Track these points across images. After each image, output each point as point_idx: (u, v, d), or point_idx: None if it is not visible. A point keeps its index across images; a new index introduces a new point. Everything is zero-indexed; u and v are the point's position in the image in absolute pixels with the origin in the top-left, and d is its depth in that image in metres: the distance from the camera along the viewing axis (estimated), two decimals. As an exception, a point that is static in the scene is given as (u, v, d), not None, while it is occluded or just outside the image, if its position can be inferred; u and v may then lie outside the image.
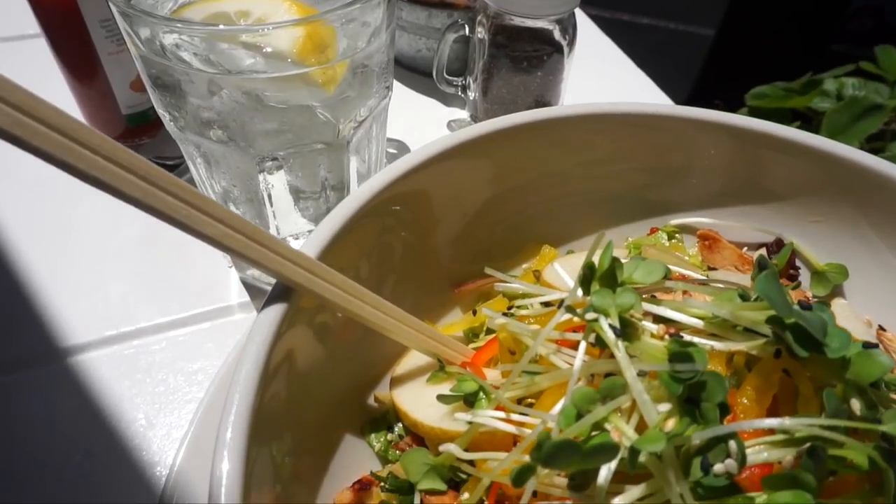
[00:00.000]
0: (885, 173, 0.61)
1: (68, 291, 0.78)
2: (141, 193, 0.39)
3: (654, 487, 0.36)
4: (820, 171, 0.64)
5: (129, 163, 0.38)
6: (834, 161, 0.63)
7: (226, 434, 0.39)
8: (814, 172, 0.64)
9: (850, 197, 0.64)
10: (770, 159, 0.65)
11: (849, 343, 0.35)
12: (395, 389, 0.55)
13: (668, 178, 0.69)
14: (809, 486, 0.32)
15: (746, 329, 0.41)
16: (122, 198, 0.38)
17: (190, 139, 0.61)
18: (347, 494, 0.50)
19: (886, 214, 0.62)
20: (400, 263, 0.59)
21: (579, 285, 0.43)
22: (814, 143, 0.63)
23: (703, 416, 0.36)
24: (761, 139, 0.64)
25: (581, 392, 0.37)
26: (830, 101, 1.50)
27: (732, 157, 0.66)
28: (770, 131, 0.64)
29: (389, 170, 0.55)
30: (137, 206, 0.39)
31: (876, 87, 1.54)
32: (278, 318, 0.45)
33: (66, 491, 0.62)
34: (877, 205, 0.63)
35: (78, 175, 0.36)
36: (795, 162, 0.65)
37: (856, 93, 1.47)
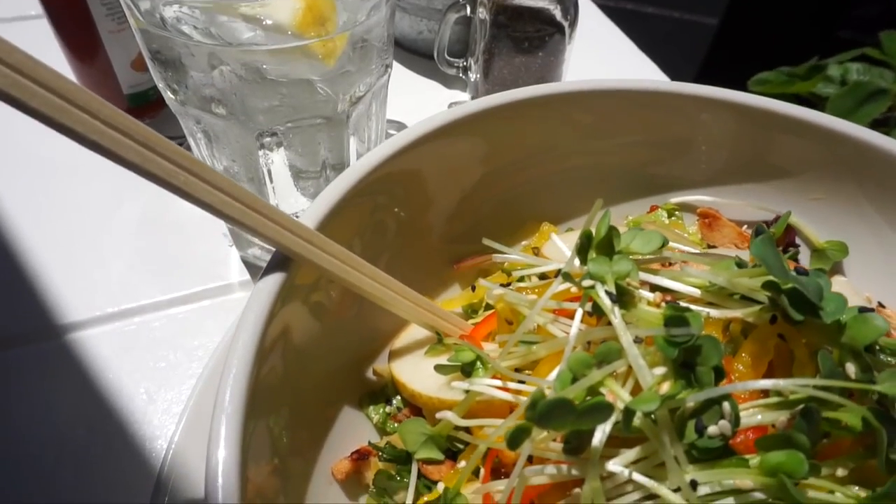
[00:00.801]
0: (886, 149, 0.60)
1: (70, 269, 0.78)
2: (139, 158, 0.39)
3: (649, 450, 0.36)
4: (821, 147, 0.64)
5: (127, 128, 0.38)
6: (835, 138, 0.62)
7: (224, 398, 0.39)
8: (815, 149, 0.64)
9: (852, 174, 0.64)
10: (770, 136, 0.65)
11: (844, 307, 0.35)
12: (394, 362, 0.55)
13: (668, 156, 0.68)
14: (803, 446, 0.32)
15: (743, 297, 0.41)
16: (120, 162, 0.38)
17: (190, 113, 0.62)
18: (345, 464, 0.50)
19: (887, 191, 0.62)
20: (398, 238, 0.59)
21: (576, 254, 0.43)
22: (815, 120, 0.62)
23: (698, 379, 0.36)
24: (762, 116, 0.64)
25: (576, 357, 0.37)
26: (834, 87, 1.49)
27: (733, 135, 0.66)
28: (771, 108, 0.63)
29: (388, 144, 0.55)
30: (136, 171, 0.39)
31: (880, 72, 1.53)
32: (276, 288, 0.45)
33: (67, 464, 0.63)
34: (878, 181, 0.62)
35: (76, 138, 0.36)
36: (796, 139, 0.64)
37: (860, 77, 1.46)
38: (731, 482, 0.33)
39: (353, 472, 0.50)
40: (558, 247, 0.54)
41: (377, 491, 0.49)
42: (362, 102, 0.64)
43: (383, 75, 0.66)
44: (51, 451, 0.63)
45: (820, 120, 0.62)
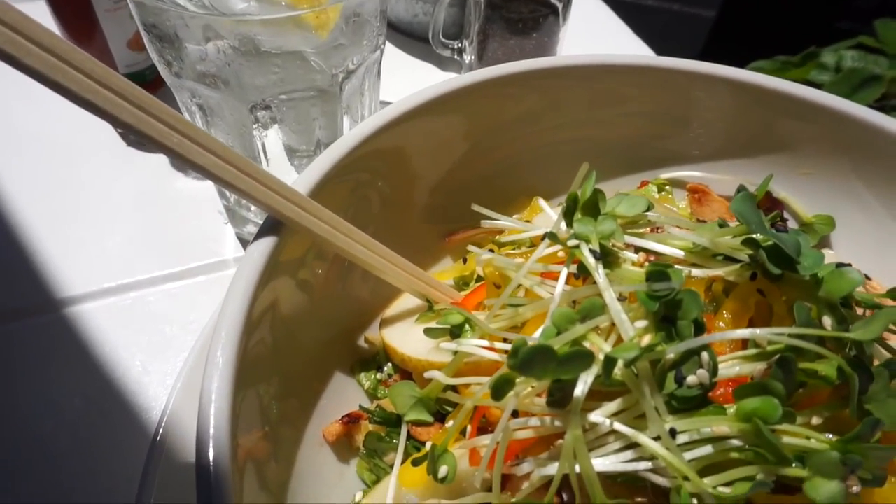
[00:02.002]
0: (875, 124, 0.61)
1: (67, 245, 0.79)
2: (133, 119, 0.39)
3: (630, 402, 0.37)
4: (810, 123, 0.64)
5: (121, 89, 0.38)
6: (825, 113, 0.63)
7: (216, 352, 0.40)
8: (804, 125, 0.65)
9: (841, 149, 0.64)
10: (760, 112, 0.66)
11: (821, 261, 0.36)
12: (385, 329, 0.56)
13: (659, 132, 0.69)
14: (778, 393, 0.33)
15: (726, 258, 0.42)
16: (114, 122, 0.39)
17: (185, 86, 0.62)
18: (336, 427, 0.51)
19: (875, 165, 0.63)
20: (390, 210, 0.60)
21: (563, 217, 0.44)
22: (805, 95, 0.63)
23: (679, 332, 0.36)
24: (753, 91, 0.64)
25: (560, 312, 0.38)
26: (829, 74, 1.50)
27: (724, 111, 0.67)
28: (760, 83, 0.64)
29: (380, 115, 0.55)
30: (130, 132, 0.39)
31: (875, 59, 1.53)
32: (268, 251, 0.45)
33: (65, 432, 0.64)
34: (866, 156, 0.63)
35: (70, 97, 0.37)
36: (786, 114, 0.65)
37: (854, 64, 1.47)
38: (708, 430, 0.34)
39: (344, 435, 0.51)
40: (547, 213, 0.54)
41: (367, 452, 0.50)
42: (355, 77, 0.65)
43: (375, 51, 0.66)
44: (49, 420, 0.64)
45: (809, 95, 0.63)
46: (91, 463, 0.61)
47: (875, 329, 0.34)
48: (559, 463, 0.36)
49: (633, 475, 0.36)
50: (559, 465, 0.36)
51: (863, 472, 0.31)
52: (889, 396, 0.34)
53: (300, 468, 0.49)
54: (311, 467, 0.50)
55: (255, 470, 0.43)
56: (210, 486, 0.35)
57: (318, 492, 0.50)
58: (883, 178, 0.63)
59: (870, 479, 0.31)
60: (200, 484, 0.35)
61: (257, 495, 0.43)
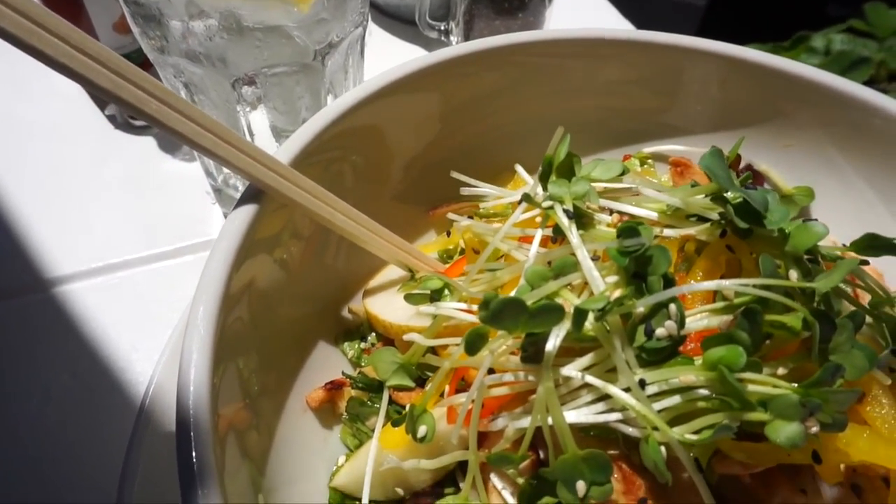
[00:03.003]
0: (853, 95, 0.62)
1: (56, 226, 0.79)
2: (111, 84, 0.39)
3: (602, 356, 0.37)
4: (792, 95, 0.65)
5: (97, 54, 0.39)
6: (805, 84, 0.63)
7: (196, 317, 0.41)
8: (785, 97, 0.65)
9: (820, 121, 0.65)
10: (743, 85, 0.66)
11: (787, 216, 0.37)
12: (368, 299, 0.56)
13: (641, 107, 0.69)
14: (743, 342, 0.33)
15: (699, 219, 0.42)
16: (91, 87, 0.39)
17: (169, 62, 0.63)
18: (319, 393, 0.52)
19: (854, 137, 0.64)
20: (374, 183, 0.60)
21: (539, 181, 0.45)
22: (785, 67, 0.64)
23: (649, 288, 0.37)
24: (734, 64, 0.65)
25: (534, 270, 0.39)
26: (819, 57, 1.51)
27: (706, 84, 0.67)
28: (743, 56, 0.64)
29: (364, 86, 0.56)
30: (108, 97, 0.40)
31: (864, 42, 1.54)
32: (246, 224, 0.46)
33: (54, 407, 0.64)
34: (845, 128, 0.64)
35: (46, 61, 0.37)
36: (768, 87, 0.65)
37: (843, 47, 1.47)
38: (676, 380, 0.35)
39: (328, 401, 0.52)
40: (525, 180, 0.55)
41: (350, 417, 0.51)
42: (338, 52, 0.65)
43: (358, 27, 0.67)
44: (36, 394, 0.65)
45: (790, 67, 0.63)
46: (78, 433, 0.62)
47: (835, 278, 0.34)
48: (532, 416, 0.37)
49: (604, 427, 0.37)
50: (532, 417, 0.37)
51: (823, 415, 0.32)
52: (853, 347, 0.35)
53: (284, 434, 0.50)
54: (295, 433, 0.51)
55: (237, 437, 0.44)
56: (191, 456, 0.36)
57: (302, 457, 0.50)
58: (861, 149, 0.64)
59: (830, 422, 0.32)
60: (181, 452, 0.36)
61: (240, 462, 0.44)
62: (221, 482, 0.36)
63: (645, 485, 0.38)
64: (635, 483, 0.38)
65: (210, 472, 0.35)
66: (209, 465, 0.36)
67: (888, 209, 0.63)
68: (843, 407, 0.32)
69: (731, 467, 0.37)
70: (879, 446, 0.34)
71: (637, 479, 0.38)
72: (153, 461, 0.54)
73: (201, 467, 0.36)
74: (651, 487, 0.38)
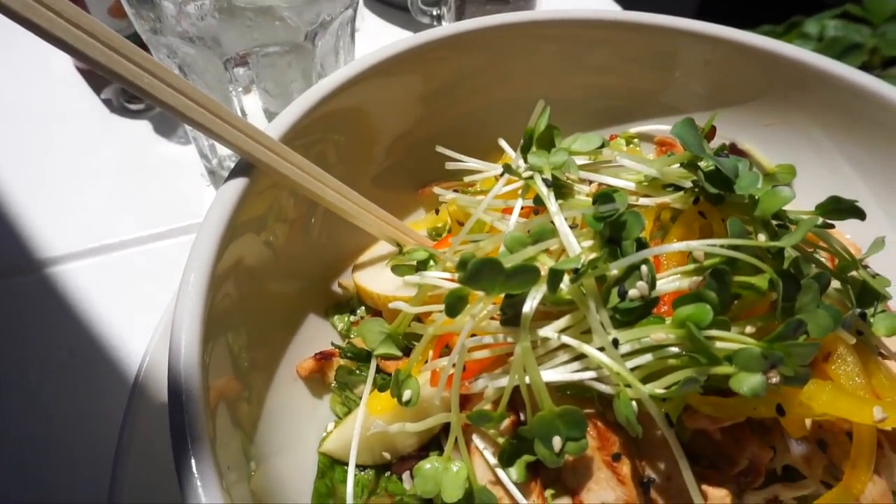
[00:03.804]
0: (834, 73, 0.63)
1: (52, 207, 0.80)
2: (104, 58, 0.40)
3: (577, 318, 0.39)
4: (774, 74, 0.66)
5: (91, 28, 0.40)
6: (786, 63, 0.65)
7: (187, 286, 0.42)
8: (768, 76, 0.66)
9: (802, 98, 0.66)
10: (726, 64, 0.67)
11: (756, 182, 0.38)
12: (357, 272, 0.58)
13: (627, 87, 0.71)
14: (711, 300, 0.35)
15: (675, 188, 0.44)
16: (85, 61, 0.40)
17: (162, 42, 0.64)
18: (309, 363, 0.53)
19: (834, 114, 0.65)
20: (363, 161, 0.62)
21: (520, 153, 0.46)
22: (766, 46, 0.65)
23: (623, 252, 0.38)
24: (717, 44, 0.66)
25: (513, 236, 0.40)
26: (812, 43, 1.51)
27: (691, 65, 0.68)
28: (727, 36, 0.65)
29: (355, 63, 0.57)
30: (101, 71, 0.40)
31: (858, 28, 1.54)
32: (238, 194, 0.47)
33: (51, 384, 0.66)
34: (826, 105, 0.65)
35: (41, 34, 0.38)
36: (751, 66, 0.66)
37: (836, 33, 1.48)
38: (648, 338, 0.36)
39: (317, 371, 0.53)
40: (509, 154, 0.56)
41: (338, 385, 0.52)
42: (328, 33, 0.66)
43: (348, 8, 0.68)
44: (35, 371, 0.66)
45: (771, 46, 0.65)
46: (75, 407, 0.63)
47: (797, 236, 0.36)
48: (510, 375, 0.38)
49: (580, 386, 0.39)
50: (510, 377, 0.38)
51: (786, 368, 0.33)
52: (819, 307, 0.37)
53: (275, 403, 0.51)
54: (285, 402, 0.52)
55: (228, 406, 0.45)
56: (183, 425, 0.37)
57: (293, 425, 0.52)
58: (842, 126, 0.65)
59: (792, 375, 0.33)
60: (173, 421, 0.37)
61: (232, 430, 0.45)
62: (213, 448, 0.37)
63: (619, 441, 0.39)
64: (610, 439, 0.39)
65: (201, 439, 0.37)
66: (201, 433, 0.37)
67: (867, 185, 0.65)
68: (804, 360, 0.34)
69: (701, 422, 0.38)
70: (840, 400, 0.35)
71: (612, 436, 0.39)
72: (148, 432, 0.55)
73: (193, 435, 0.37)
74: (625, 443, 0.40)
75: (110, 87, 0.91)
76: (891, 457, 0.40)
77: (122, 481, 0.53)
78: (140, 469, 0.54)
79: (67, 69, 0.94)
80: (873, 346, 0.41)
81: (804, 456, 0.40)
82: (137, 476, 0.54)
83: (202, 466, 0.36)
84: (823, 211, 0.40)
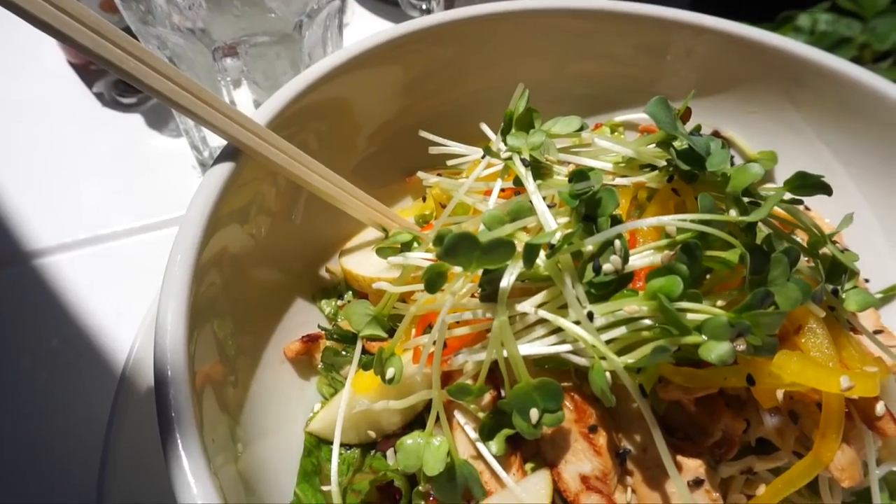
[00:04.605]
0: (814, 60, 0.64)
1: (44, 200, 0.81)
2: (91, 43, 0.41)
3: (554, 293, 0.39)
4: (755, 62, 0.67)
5: (78, 13, 0.40)
6: (768, 51, 0.66)
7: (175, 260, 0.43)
8: (750, 64, 0.67)
9: (783, 86, 0.67)
10: (709, 53, 0.68)
11: (727, 159, 0.39)
12: (344, 257, 0.59)
13: (612, 76, 0.72)
14: (682, 273, 0.36)
15: (652, 169, 0.45)
16: (72, 44, 0.41)
17: (152, 33, 0.64)
18: (297, 345, 0.54)
19: (815, 101, 0.66)
20: (350, 149, 0.63)
21: (500, 136, 0.47)
22: (748, 35, 0.66)
23: (599, 228, 0.39)
24: (701, 33, 0.67)
25: (491, 214, 0.41)
26: (804, 37, 1.52)
27: (675, 54, 0.69)
28: (711, 25, 0.66)
29: (342, 52, 0.58)
30: (87, 55, 0.41)
31: (848, 22, 1.55)
32: (226, 176, 0.48)
33: (42, 370, 0.67)
34: (807, 92, 0.66)
35: (27, 18, 0.39)
36: (734, 55, 0.67)
37: (826, 27, 1.49)
38: (622, 311, 0.37)
39: (304, 353, 0.54)
40: (490, 137, 0.57)
41: (325, 367, 0.53)
42: (315, 24, 0.67)
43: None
44: (28, 358, 0.67)
45: (752, 34, 0.66)
46: (66, 392, 0.64)
47: (764, 210, 0.37)
48: (488, 349, 0.39)
49: (557, 359, 0.39)
50: (488, 350, 0.39)
51: (753, 338, 0.34)
52: (788, 280, 0.37)
53: (264, 384, 0.52)
54: (273, 384, 0.53)
55: (216, 388, 0.46)
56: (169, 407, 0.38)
57: (281, 406, 0.53)
58: (822, 113, 0.66)
59: (760, 345, 0.34)
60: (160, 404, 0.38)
61: (219, 416, 0.46)
62: (200, 430, 0.38)
63: (596, 413, 0.40)
64: (587, 412, 0.40)
65: (188, 421, 0.37)
66: (187, 415, 0.38)
67: (847, 171, 0.66)
68: (771, 330, 0.34)
69: (674, 393, 0.39)
70: (808, 369, 0.36)
71: (588, 408, 0.40)
72: (136, 417, 0.56)
73: (180, 418, 0.37)
74: (602, 416, 0.41)
75: (102, 80, 0.92)
76: (861, 428, 0.41)
77: (111, 464, 0.54)
78: (129, 452, 0.55)
79: (59, 63, 0.95)
80: (844, 320, 0.42)
81: (777, 428, 0.41)
82: (127, 459, 0.54)
83: (189, 448, 0.36)
84: (792, 187, 0.41)
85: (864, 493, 0.44)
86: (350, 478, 0.47)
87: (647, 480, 0.39)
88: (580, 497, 0.39)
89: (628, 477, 0.40)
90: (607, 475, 0.39)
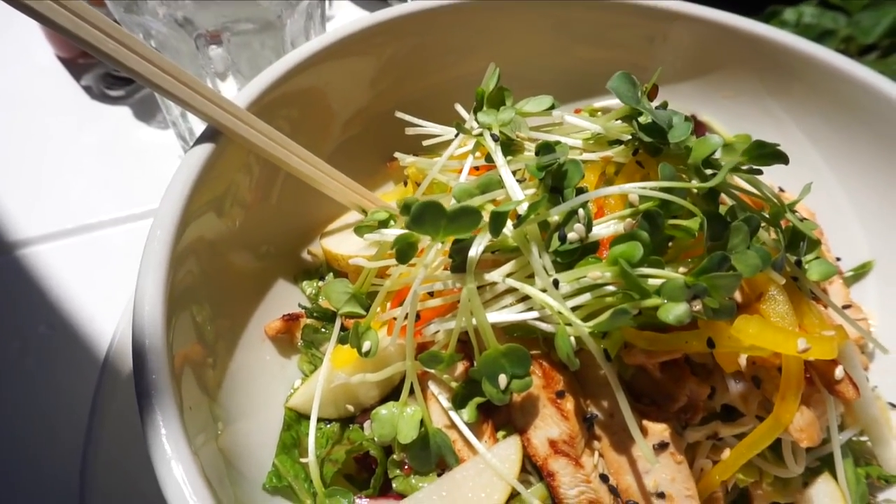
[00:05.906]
0: (783, 43, 0.65)
1: (33, 191, 0.82)
2: (71, 24, 0.42)
3: (522, 263, 0.41)
4: (733, 47, 0.68)
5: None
6: (743, 36, 0.67)
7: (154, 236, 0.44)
8: (723, 49, 0.69)
9: (755, 70, 0.69)
10: (684, 39, 0.70)
11: (688, 131, 0.40)
12: (325, 239, 0.60)
13: (591, 62, 0.73)
14: (643, 240, 0.37)
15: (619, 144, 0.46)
16: (52, 26, 0.42)
17: (136, 22, 0.65)
18: (277, 323, 0.55)
19: (786, 84, 0.67)
20: (331, 131, 0.63)
21: (472, 114, 0.48)
22: (720, 19, 0.67)
23: (564, 199, 0.40)
24: (681, 20, 0.68)
25: (461, 187, 0.42)
26: (790, 30, 1.54)
27: (654, 40, 0.71)
28: (687, 11, 0.67)
29: (324, 36, 0.59)
30: (67, 36, 0.42)
31: (833, 16, 1.57)
32: (205, 157, 0.49)
33: (30, 356, 0.67)
34: (778, 75, 0.67)
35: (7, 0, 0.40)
36: (710, 40, 0.69)
37: (811, 20, 1.51)
38: (587, 278, 0.38)
39: (285, 331, 0.55)
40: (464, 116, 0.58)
41: (305, 344, 0.54)
42: (297, 12, 0.68)
43: (319, -12, 0.70)
44: (16, 345, 0.68)
45: (724, 19, 0.67)
46: (54, 375, 0.65)
47: (720, 176, 0.38)
48: (457, 317, 0.40)
49: (525, 327, 0.40)
50: (457, 319, 0.40)
51: (711, 301, 0.35)
52: (748, 248, 0.39)
53: (245, 362, 0.53)
54: (254, 363, 0.54)
55: (194, 369, 0.46)
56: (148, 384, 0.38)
57: (262, 383, 0.54)
58: (796, 98, 0.68)
59: (717, 307, 0.36)
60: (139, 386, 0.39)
61: (200, 394, 0.47)
62: (179, 409, 0.39)
63: (563, 379, 0.41)
64: (554, 378, 0.41)
65: (167, 402, 0.38)
66: (166, 395, 0.39)
67: (820, 154, 0.67)
68: (728, 292, 0.36)
69: (638, 357, 0.40)
70: (767, 332, 0.37)
71: (556, 374, 0.41)
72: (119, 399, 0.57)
73: (159, 399, 0.38)
74: (569, 382, 0.42)
75: (90, 74, 0.93)
76: (823, 393, 0.42)
77: (95, 446, 0.54)
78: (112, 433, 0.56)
79: (48, 57, 0.96)
80: (807, 289, 0.43)
81: (741, 394, 0.42)
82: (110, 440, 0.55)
83: (169, 426, 0.37)
84: (749, 156, 0.42)
85: (828, 458, 0.45)
86: (328, 450, 0.48)
87: (614, 444, 0.40)
88: (548, 461, 0.40)
89: (596, 441, 0.41)
90: (574, 439, 0.40)
